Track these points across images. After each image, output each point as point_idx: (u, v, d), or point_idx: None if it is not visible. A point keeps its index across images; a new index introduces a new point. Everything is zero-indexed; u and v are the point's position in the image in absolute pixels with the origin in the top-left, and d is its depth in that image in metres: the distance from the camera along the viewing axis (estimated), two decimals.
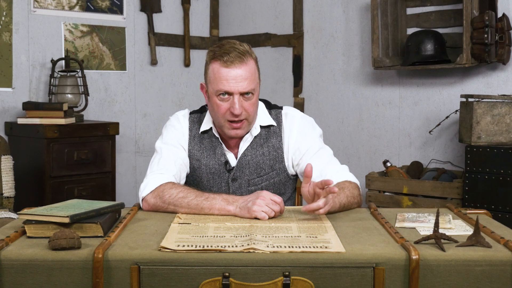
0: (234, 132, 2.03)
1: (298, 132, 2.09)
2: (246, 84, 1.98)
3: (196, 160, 2.10)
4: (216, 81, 1.99)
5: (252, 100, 2.01)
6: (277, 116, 2.13)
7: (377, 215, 1.80)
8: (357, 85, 4.05)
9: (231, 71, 1.97)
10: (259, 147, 2.09)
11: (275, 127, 2.11)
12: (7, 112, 3.72)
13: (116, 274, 1.40)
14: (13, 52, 3.73)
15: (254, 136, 2.09)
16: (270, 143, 2.09)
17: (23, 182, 3.45)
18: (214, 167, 2.09)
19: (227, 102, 1.99)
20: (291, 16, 4.34)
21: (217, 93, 1.99)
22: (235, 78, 1.97)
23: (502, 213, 3.00)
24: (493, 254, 1.42)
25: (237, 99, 1.97)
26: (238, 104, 1.97)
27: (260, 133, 2.10)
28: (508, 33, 3.28)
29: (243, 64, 1.97)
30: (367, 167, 3.96)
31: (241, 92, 1.97)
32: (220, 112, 2.01)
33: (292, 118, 2.12)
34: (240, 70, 1.97)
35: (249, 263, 1.39)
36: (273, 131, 2.11)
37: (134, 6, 4.30)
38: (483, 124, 3.12)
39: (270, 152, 2.09)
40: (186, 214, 1.82)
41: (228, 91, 1.97)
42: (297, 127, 2.10)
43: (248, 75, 1.98)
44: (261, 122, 2.10)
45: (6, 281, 1.39)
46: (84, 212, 1.58)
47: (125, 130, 4.20)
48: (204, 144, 2.11)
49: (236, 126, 2.01)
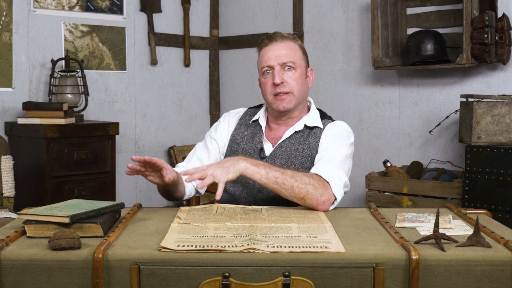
0: (282, 105, 2.11)
1: (330, 136, 2.13)
2: (284, 56, 2.11)
3: (236, 144, 2.21)
4: (260, 62, 2.16)
5: (295, 75, 2.12)
6: (325, 124, 2.19)
7: (377, 215, 1.80)
8: (357, 85, 4.05)
9: (271, 48, 2.13)
10: (297, 143, 2.14)
11: (318, 129, 2.16)
12: (7, 112, 3.72)
13: (116, 274, 1.40)
14: (13, 52, 3.73)
15: (296, 131, 2.15)
16: (307, 142, 2.13)
17: (23, 182, 3.45)
18: (250, 152, 2.16)
19: (270, 77, 2.12)
20: (291, 16, 4.34)
21: (262, 71, 2.14)
22: (274, 52, 2.11)
23: (502, 213, 3.00)
24: (493, 254, 1.42)
25: (277, 70, 2.10)
26: (277, 74, 2.09)
27: (303, 131, 2.16)
28: (508, 33, 3.28)
29: (283, 42, 2.14)
30: (367, 167, 3.96)
31: (280, 64, 2.10)
32: (267, 89, 2.13)
33: (335, 126, 2.18)
34: (279, 45, 2.12)
35: (249, 263, 1.39)
36: (315, 132, 2.16)
37: (134, 6, 4.30)
38: (483, 124, 3.12)
39: (305, 150, 2.12)
40: (186, 214, 1.82)
41: (270, 65, 2.11)
42: (334, 132, 2.15)
43: (288, 50, 2.12)
44: (307, 122, 2.17)
45: (6, 281, 1.39)
46: (84, 212, 1.58)
47: (125, 130, 4.20)
48: (248, 131, 2.22)
49: (281, 98, 2.10)
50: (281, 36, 2.15)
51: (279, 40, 2.13)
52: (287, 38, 2.16)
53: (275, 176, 1.89)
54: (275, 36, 2.15)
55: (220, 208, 1.91)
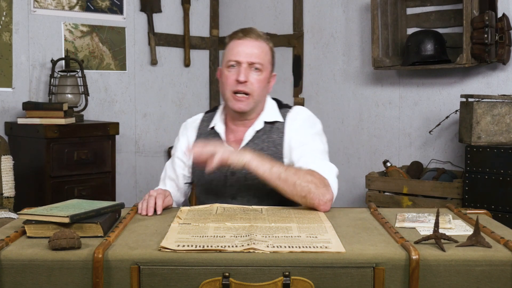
0: (238, 106, 2.06)
1: (296, 129, 2.09)
2: (255, 56, 2.05)
3: None
4: (228, 53, 2.08)
5: (260, 77, 2.06)
6: (284, 114, 2.14)
7: (377, 215, 1.80)
8: (357, 85, 4.05)
9: (243, 42, 2.06)
10: (260, 142, 2.09)
11: (280, 123, 2.11)
12: (7, 112, 3.72)
13: (116, 274, 1.40)
14: (13, 52, 3.73)
15: (257, 130, 2.11)
16: (271, 139, 2.10)
17: (23, 182, 3.45)
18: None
19: (235, 72, 2.05)
20: (291, 16, 4.34)
21: (227, 64, 2.07)
22: (245, 48, 2.05)
23: (502, 213, 3.00)
24: (493, 254, 1.42)
25: (244, 67, 2.04)
26: (243, 71, 2.03)
27: (264, 128, 2.11)
28: (508, 33, 3.28)
29: (257, 41, 2.07)
30: (367, 167, 3.96)
31: (249, 62, 2.04)
32: (228, 83, 2.06)
33: (296, 115, 2.13)
34: (253, 43, 2.06)
35: (249, 263, 1.39)
36: (277, 127, 2.11)
37: (134, 6, 4.30)
38: (483, 124, 3.12)
39: (270, 147, 2.08)
40: (186, 214, 1.82)
41: (238, 60, 2.04)
42: (298, 124, 2.10)
43: (260, 50, 2.06)
44: (266, 118, 2.12)
45: (6, 281, 1.39)
46: (84, 212, 1.58)
47: (125, 130, 4.20)
48: (209, 140, 2.14)
49: (240, 98, 2.05)
50: (256, 34, 2.09)
51: (254, 38, 2.07)
52: (261, 38, 2.09)
53: (279, 171, 1.87)
54: (251, 32, 2.09)
55: (220, 208, 1.91)
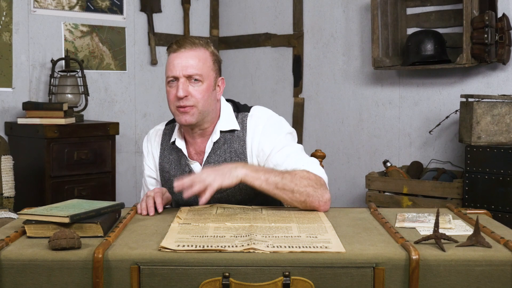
0: (184, 119, 1.96)
1: (261, 134, 2.00)
2: (192, 67, 1.94)
3: (166, 172, 2.10)
4: (166, 68, 1.99)
5: (201, 88, 1.95)
6: (243, 120, 2.04)
7: (377, 215, 1.80)
8: (357, 85, 4.05)
9: (178, 55, 1.96)
10: (222, 153, 2.02)
11: (239, 131, 2.03)
12: (7, 112, 3.72)
13: (116, 274, 1.40)
14: (13, 52, 3.73)
15: (214, 142, 2.02)
16: (232, 149, 2.02)
17: (23, 182, 3.45)
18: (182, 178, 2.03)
19: (175, 87, 1.95)
20: (291, 16, 4.34)
21: (167, 80, 1.98)
22: (181, 61, 1.95)
23: (502, 213, 3.00)
24: (493, 254, 1.42)
25: (181, 82, 1.94)
26: (181, 86, 1.93)
27: (222, 138, 2.03)
28: (508, 33, 3.28)
29: (192, 50, 1.96)
30: (367, 167, 3.96)
31: (185, 75, 1.94)
32: (170, 100, 1.97)
33: (257, 120, 2.03)
34: (187, 54, 1.95)
35: (249, 263, 1.39)
36: (237, 135, 2.03)
37: (134, 6, 4.30)
38: (483, 124, 3.12)
39: (232, 157, 2.01)
40: (186, 214, 1.82)
41: (175, 75, 1.95)
42: (261, 128, 2.01)
43: (196, 60, 1.95)
44: (222, 127, 2.03)
45: (6, 281, 1.39)
46: (84, 212, 1.58)
47: (125, 130, 4.20)
48: (172, 155, 2.10)
49: (183, 110, 1.95)
50: (191, 42, 1.97)
51: (188, 47, 1.96)
52: (197, 45, 1.97)
53: (275, 181, 1.83)
54: (185, 42, 1.97)
55: (220, 208, 1.91)
